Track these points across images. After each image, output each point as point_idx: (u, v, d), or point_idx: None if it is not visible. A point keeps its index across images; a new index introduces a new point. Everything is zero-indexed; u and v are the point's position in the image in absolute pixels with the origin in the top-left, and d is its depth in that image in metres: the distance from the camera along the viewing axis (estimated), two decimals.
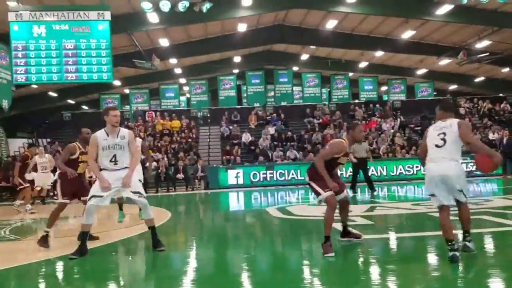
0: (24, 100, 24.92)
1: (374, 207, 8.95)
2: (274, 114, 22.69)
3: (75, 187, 5.88)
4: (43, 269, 4.79)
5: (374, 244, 5.39)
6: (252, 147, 19.36)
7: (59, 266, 4.93)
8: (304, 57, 27.27)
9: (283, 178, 16.41)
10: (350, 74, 28.24)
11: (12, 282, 4.41)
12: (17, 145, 26.73)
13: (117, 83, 25.57)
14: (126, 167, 5.10)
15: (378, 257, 4.77)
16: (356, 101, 26.17)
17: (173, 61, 24.65)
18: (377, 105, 23.68)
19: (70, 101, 30.17)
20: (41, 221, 7.92)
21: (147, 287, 3.83)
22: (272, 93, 27.02)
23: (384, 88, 30.63)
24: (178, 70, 26.96)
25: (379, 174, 16.51)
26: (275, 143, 19.66)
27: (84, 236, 5.06)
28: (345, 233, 5.39)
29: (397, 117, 22.21)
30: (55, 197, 10.91)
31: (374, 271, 4.19)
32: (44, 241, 5.55)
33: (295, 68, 28.26)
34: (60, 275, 4.69)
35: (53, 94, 26.95)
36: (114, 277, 3.99)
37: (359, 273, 4.18)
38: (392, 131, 20.52)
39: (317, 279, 4.01)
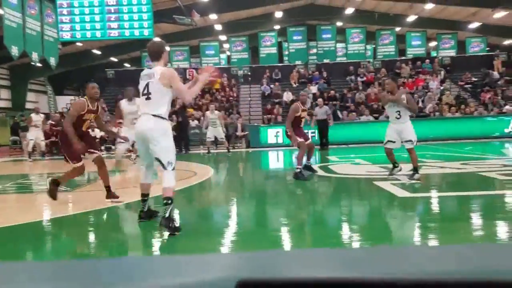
0: (69, 58, 25.59)
1: (420, 166, 8.62)
2: (316, 72, 22.12)
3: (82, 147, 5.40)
4: (104, 215, 4.98)
5: (419, 203, 5.24)
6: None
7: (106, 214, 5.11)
8: (349, 11, 26.03)
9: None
10: (397, 29, 26.80)
11: (74, 228, 4.61)
12: (64, 101, 27.79)
13: (156, 39, 25.61)
14: None
15: (421, 215, 4.61)
16: (403, 57, 24.95)
17: (213, 17, 24.27)
18: (426, 61, 22.49)
19: (113, 59, 30.70)
20: (88, 174, 8.23)
21: (189, 241, 3.88)
22: (314, 50, 26.21)
23: (433, 43, 28.97)
24: (218, 27, 26.59)
25: (425, 134, 15.87)
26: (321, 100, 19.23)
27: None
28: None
29: (445, 74, 21.07)
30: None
31: (415, 229, 4.06)
32: (54, 192, 5.68)
33: (339, 24, 27.12)
34: (105, 223, 4.87)
35: (96, 51, 27.47)
36: (157, 230, 4.08)
37: (399, 230, 4.06)
38: (440, 88, 19.53)
39: (357, 235, 3.93)
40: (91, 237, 4.29)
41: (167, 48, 4.42)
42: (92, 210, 5.23)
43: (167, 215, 3.94)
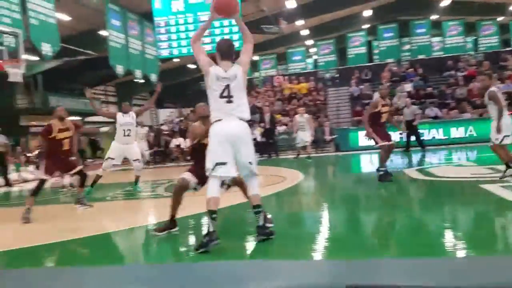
0: (167, 74, 27.46)
1: None
2: (411, 69, 20.98)
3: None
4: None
5: None
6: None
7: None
8: (445, 3, 24.32)
9: (422, 138, 15.21)
10: (500, 18, 24.40)
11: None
12: (165, 114, 29.85)
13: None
14: None
15: None
16: (508, 48, 22.62)
17: (299, 22, 24.34)
18: None
19: None
20: None
21: (281, 247, 3.90)
22: (407, 46, 24.94)
23: None
24: (304, 32, 26.60)
25: None
26: (412, 100, 18.24)
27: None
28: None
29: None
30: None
31: None
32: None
33: (434, 17, 25.48)
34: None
35: (191, 66, 29.11)
36: (251, 233, 4.16)
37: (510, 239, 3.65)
38: None
39: (462, 243, 3.61)
40: (191, 241, 4.49)
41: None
42: (194, 214, 5.51)
43: (261, 223, 3.90)
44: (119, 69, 17.15)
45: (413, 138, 13.75)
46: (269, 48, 27.26)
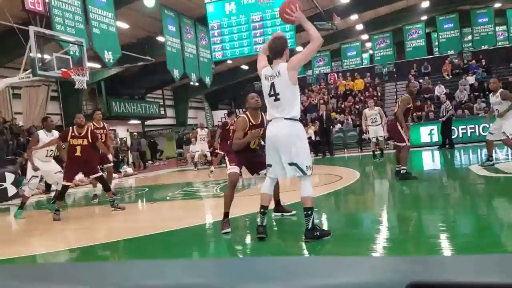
0: (221, 76, 27.98)
1: None
2: (473, 61, 19.85)
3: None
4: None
5: None
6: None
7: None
8: None
9: (486, 133, 14.30)
10: None
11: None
12: (219, 115, 30.49)
13: (299, 49, 26.26)
14: None
15: None
16: None
17: (353, 17, 23.79)
18: None
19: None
20: (243, 180, 8.83)
21: (339, 246, 3.84)
22: (469, 37, 23.62)
23: None
24: (359, 26, 25.97)
25: None
26: (476, 93, 17.24)
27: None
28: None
29: None
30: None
31: None
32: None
33: (497, 5, 23.89)
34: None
35: (244, 67, 29.45)
36: (299, 232, 4.13)
37: None
38: None
39: None
40: (244, 240, 4.53)
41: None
42: (248, 214, 5.57)
43: (310, 226, 3.84)
44: (176, 73, 17.72)
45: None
46: (323, 44, 26.82)
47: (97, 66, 17.00)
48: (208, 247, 4.44)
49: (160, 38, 18.18)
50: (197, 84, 22.76)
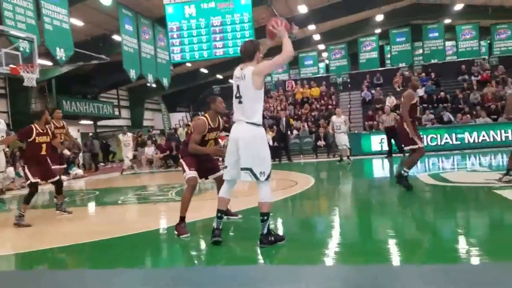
0: (180, 78, 27.66)
1: None
2: (423, 74, 20.84)
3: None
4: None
5: None
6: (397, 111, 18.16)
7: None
8: (458, 6, 24.14)
9: (435, 143, 15.09)
10: None
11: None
12: (177, 118, 30.09)
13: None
14: None
15: None
16: None
17: (311, 27, 24.35)
18: None
19: (219, 76, 32.45)
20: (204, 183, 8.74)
21: (292, 252, 3.89)
22: (420, 51, 24.81)
23: None
24: (316, 37, 26.59)
25: None
26: (425, 105, 18.11)
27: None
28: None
29: None
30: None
31: None
32: None
33: (447, 21, 25.29)
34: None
35: (204, 70, 29.28)
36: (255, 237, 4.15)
37: None
38: None
39: (475, 249, 3.55)
40: (200, 245, 4.49)
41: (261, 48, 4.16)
42: (203, 218, 5.52)
43: (265, 231, 3.87)
44: (132, 73, 17.32)
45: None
46: (281, 52, 27.23)
47: (49, 63, 16.30)
48: (162, 254, 4.35)
49: (117, 37, 17.73)
50: (154, 85, 22.35)
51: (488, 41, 25.30)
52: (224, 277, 0.77)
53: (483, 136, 14.76)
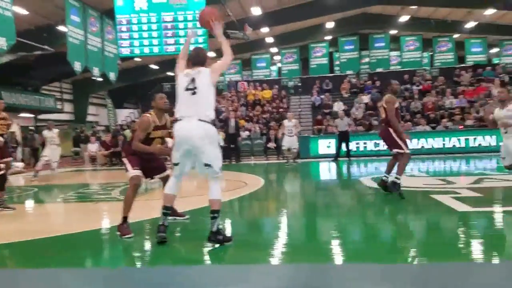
0: (128, 73, 26.86)
1: (482, 179, 8.16)
2: (369, 81, 21.65)
3: None
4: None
5: (480, 218, 4.92)
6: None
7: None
8: (404, 18, 25.33)
9: (377, 148, 15.73)
10: (456, 35, 25.73)
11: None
12: (124, 114, 29.18)
13: (211, 54, 26.28)
14: None
15: (482, 231, 4.31)
16: (462, 65, 23.85)
17: (264, 30, 24.55)
18: (487, 69, 21.30)
19: (170, 74, 31.85)
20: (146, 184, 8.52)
21: (239, 252, 3.88)
22: (366, 59, 25.73)
23: (494, 50, 27.52)
24: (269, 39, 26.85)
25: (487, 144, 15.03)
26: (370, 112, 18.82)
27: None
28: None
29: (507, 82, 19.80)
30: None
31: (475, 245, 3.82)
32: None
33: (393, 32, 26.48)
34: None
35: (154, 67, 28.63)
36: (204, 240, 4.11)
37: (457, 247, 3.80)
38: None
39: (413, 250, 3.74)
40: (144, 245, 4.37)
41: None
42: (148, 219, 5.37)
43: (214, 229, 3.87)
44: (77, 66, 16.57)
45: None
46: (234, 53, 27.14)
47: None
48: (104, 254, 4.19)
49: (62, 28, 16.91)
50: (100, 79, 21.54)
51: (430, 53, 26.75)
52: (168, 277, 0.74)
53: (422, 143, 15.60)
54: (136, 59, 24.06)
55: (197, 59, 4.09)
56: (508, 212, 5.25)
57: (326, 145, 16.22)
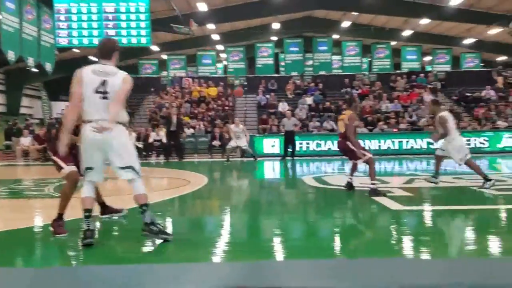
0: (66, 64, 25.52)
1: (413, 179, 8.68)
2: (312, 84, 22.23)
3: None
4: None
5: (411, 216, 5.25)
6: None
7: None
8: (346, 24, 26.32)
9: (319, 149, 16.22)
10: (393, 43, 27.15)
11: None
12: (59, 107, 27.66)
13: (155, 48, 25.72)
14: None
15: (413, 228, 4.61)
16: (398, 71, 25.21)
17: (210, 26, 24.41)
18: (421, 75, 22.67)
19: None
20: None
21: (179, 251, 3.85)
22: (310, 62, 26.42)
23: (428, 58, 29.36)
24: (215, 37, 26.74)
25: (418, 147, 16.01)
26: (312, 113, 19.34)
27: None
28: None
29: (439, 89, 21.24)
30: None
31: (406, 242, 4.07)
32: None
33: (335, 36, 27.40)
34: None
35: (94, 58, 27.41)
36: (147, 239, 4.03)
37: (389, 243, 4.04)
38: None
39: (347, 246, 3.92)
40: (78, 244, 4.19)
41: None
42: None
43: (147, 220, 3.84)
44: (11, 55, 15.52)
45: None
46: (179, 48, 26.88)
47: None
48: (36, 254, 3.97)
49: None
50: (36, 70, 20.31)
51: (369, 59, 28.00)
52: (102, 277, 0.72)
53: (360, 144, 16.27)
54: (75, 50, 22.94)
55: (102, 51, 3.95)
56: (435, 210, 5.65)
57: (271, 145, 16.44)
